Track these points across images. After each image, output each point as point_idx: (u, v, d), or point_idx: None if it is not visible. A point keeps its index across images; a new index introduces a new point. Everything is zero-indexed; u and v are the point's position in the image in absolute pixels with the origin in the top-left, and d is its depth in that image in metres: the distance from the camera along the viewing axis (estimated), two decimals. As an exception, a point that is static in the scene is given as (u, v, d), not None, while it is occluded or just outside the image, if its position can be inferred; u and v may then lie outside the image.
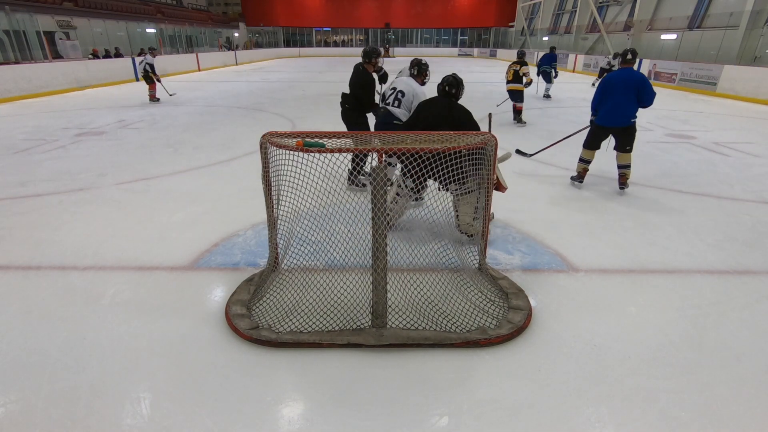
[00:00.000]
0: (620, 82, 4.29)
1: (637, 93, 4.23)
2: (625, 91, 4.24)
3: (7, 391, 2.00)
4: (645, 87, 4.21)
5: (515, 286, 2.77)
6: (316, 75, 19.48)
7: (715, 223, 3.95)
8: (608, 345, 2.33)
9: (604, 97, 4.40)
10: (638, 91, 4.22)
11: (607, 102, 4.38)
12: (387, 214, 2.75)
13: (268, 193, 2.59)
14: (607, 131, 4.50)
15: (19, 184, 4.82)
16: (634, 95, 4.23)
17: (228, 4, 41.60)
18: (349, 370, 2.14)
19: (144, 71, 10.65)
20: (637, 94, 4.23)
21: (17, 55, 16.47)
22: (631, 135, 4.40)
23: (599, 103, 4.48)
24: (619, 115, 4.33)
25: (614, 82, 4.32)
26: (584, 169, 4.77)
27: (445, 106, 3.35)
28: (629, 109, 4.29)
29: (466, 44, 42.04)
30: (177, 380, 2.07)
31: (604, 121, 4.44)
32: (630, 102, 4.26)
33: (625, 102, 4.26)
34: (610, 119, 4.39)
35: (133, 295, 2.75)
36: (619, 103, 4.29)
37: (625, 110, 4.30)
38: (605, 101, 4.40)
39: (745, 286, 2.94)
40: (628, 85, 4.23)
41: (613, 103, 4.33)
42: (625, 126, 4.36)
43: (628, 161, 4.48)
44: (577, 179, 4.81)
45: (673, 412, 1.92)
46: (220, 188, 4.75)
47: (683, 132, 7.89)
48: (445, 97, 3.40)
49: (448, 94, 3.38)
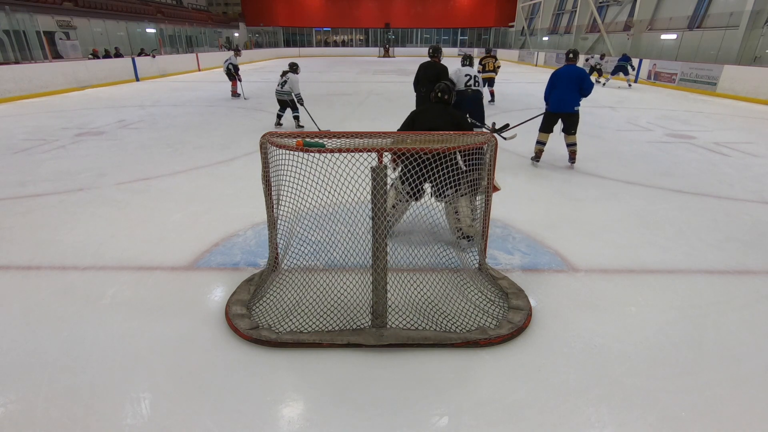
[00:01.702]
0: (565, 76, 5.18)
1: (579, 84, 5.10)
2: (569, 84, 5.14)
3: (7, 391, 2.00)
4: (584, 79, 5.12)
5: (515, 286, 2.77)
6: (316, 75, 19.47)
7: (715, 223, 3.95)
8: (608, 345, 2.33)
9: (552, 89, 5.31)
10: (580, 82, 5.10)
11: (554, 93, 5.28)
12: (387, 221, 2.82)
13: (268, 193, 2.59)
14: (557, 117, 5.36)
15: (19, 184, 4.82)
16: (577, 86, 5.11)
17: (228, 4, 41.59)
18: (349, 370, 2.14)
19: (227, 69, 11.48)
20: (579, 85, 5.11)
21: (17, 55, 16.47)
22: (575, 120, 5.29)
23: (549, 94, 5.37)
24: (565, 104, 5.21)
25: (560, 76, 5.22)
26: (540, 150, 5.60)
27: (443, 112, 3.40)
28: (573, 99, 5.17)
29: (466, 44, 42.02)
30: (177, 380, 2.07)
31: (553, 108, 5.31)
32: (573, 92, 5.14)
33: (569, 92, 5.16)
34: (558, 107, 5.27)
35: (133, 295, 2.75)
36: (564, 93, 5.19)
37: (569, 99, 5.17)
38: (553, 92, 5.28)
39: (745, 286, 2.94)
40: (571, 78, 5.12)
41: (559, 94, 5.22)
42: (570, 113, 5.24)
43: (574, 140, 5.40)
44: (535, 159, 5.66)
45: (673, 412, 1.92)
46: (220, 188, 4.76)
47: (683, 132, 7.90)
48: (440, 103, 3.46)
49: (442, 100, 3.45)
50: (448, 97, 3.45)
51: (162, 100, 11.28)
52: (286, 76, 7.44)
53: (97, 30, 21.64)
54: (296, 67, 7.65)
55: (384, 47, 38.70)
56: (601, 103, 11.20)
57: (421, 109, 3.52)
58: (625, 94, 13.26)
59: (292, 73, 7.47)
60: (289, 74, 7.44)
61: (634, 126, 8.44)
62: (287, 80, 7.40)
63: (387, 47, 38.68)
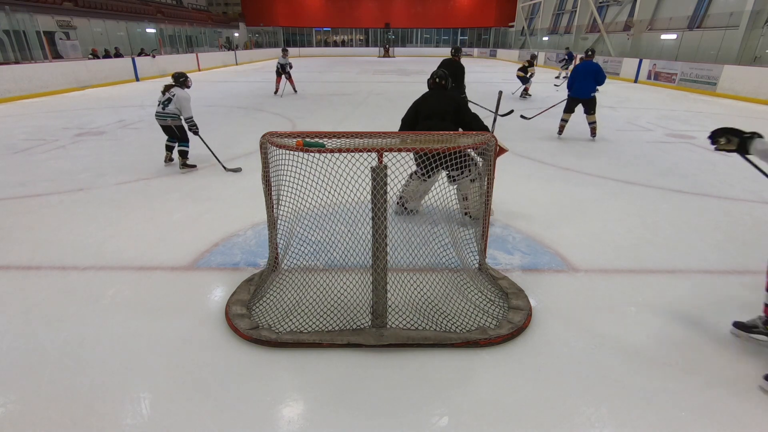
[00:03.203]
0: (583, 69, 6.94)
1: (595, 76, 6.82)
2: (586, 75, 6.87)
3: (7, 391, 2.00)
4: (599, 72, 6.86)
5: (515, 286, 2.77)
6: (316, 75, 19.48)
7: (715, 223, 3.95)
8: (608, 345, 2.33)
9: (575, 79, 7.01)
10: (595, 75, 6.83)
11: (576, 82, 6.98)
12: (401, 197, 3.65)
13: (268, 193, 2.59)
14: (577, 101, 7.05)
15: (19, 184, 4.82)
16: (593, 77, 6.83)
17: (228, 4, 41.59)
18: (349, 370, 2.14)
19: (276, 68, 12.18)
20: (594, 77, 6.82)
21: (17, 55, 16.47)
22: (593, 104, 6.99)
23: (572, 83, 7.08)
24: (584, 91, 6.91)
25: (580, 70, 6.97)
26: (562, 126, 7.39)
27: (444, 97, 3.76)
28: (590, 87, 6.87)
29: (466, 44, 42.02)
30: (177, 380, 2.07)
31: (575, 94, 7.01)
32: (590, 82, 6.84)
33: (587, 82, 6.86)
34: (579, 93, 6.98)
35: (133, 295, 2.75)
36: (583, 83, 6.90)
37: (587, 87, 6.87)
38: (575, 82, 7.00)
39: (745, 286, 2.94)
40: (589, 71, 6.87)
41: (579, 83, 6.93)
42: (588, 98, 6.95)
43: (594, 119, 7.13)
44: (559, 132, 7.43)
45: (673, 412, 1.92)
46: (220, 188, 4.76)
47: (683, 132, 7.90)
48: (438, 88, 3.82)
49: (439, 85, 3.82)
50: (445, 82, 3.83)
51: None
52: (171, 92, 5.15)
53: (97, 30, 21.64)
54: (185, 78, 5.30)
55: (384, 47, 38.70)
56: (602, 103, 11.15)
57: (423, 97, 3.81)
58: (625, 95, 13.26)
59: (179, 87, 5.22)
60: (175, 89, 5.17)
61: (634, 126, 8.44)
62: (173, 98, 5.12)
63: (387, 47, 38.69)
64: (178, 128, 5.30)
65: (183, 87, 5.25)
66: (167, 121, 5.21)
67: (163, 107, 5.15)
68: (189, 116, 5.20)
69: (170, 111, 5.13)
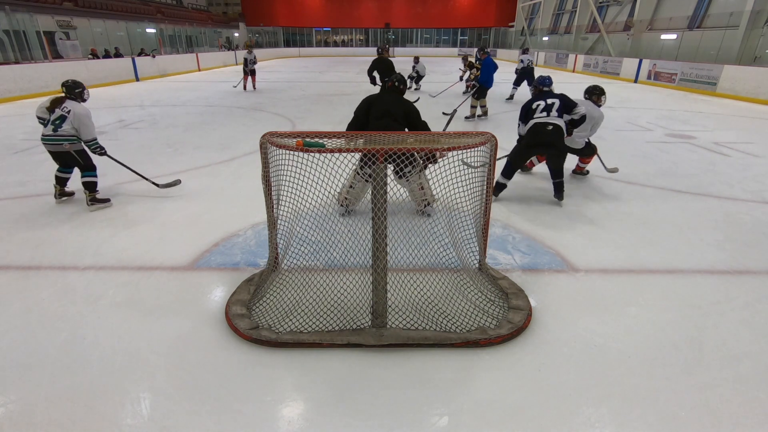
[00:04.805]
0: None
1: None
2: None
3: (7, 391, 2.00)
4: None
5: (515, 286, 2.77)
6: (316, 75, 19.48)
7: (715, 223, 3.95)
8: (608, 345, 2.33)
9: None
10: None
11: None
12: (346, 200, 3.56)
13: (268, 193, 2.59)
14: None
15: (19, 184, 4.82)
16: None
17: (228, 4, 41.57)
18: (349, 370, 2.15)
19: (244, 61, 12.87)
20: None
21: (17, 55, 16.46)
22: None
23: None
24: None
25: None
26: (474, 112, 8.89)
27: (399, 100, 3.77)
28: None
29: (466, 44, 42.00)
30: (177, 380, 2.07)
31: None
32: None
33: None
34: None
35: (133, 295, 2.75)
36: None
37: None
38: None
39: (745, 286, 2.94)
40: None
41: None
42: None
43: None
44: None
45: (673, 412, 1.92)
46: (220, 188, 4.76)
47: (683, 132, 7.90)
48: (393, 92, 3.85)
49: (397, 89, 3.86)
50: (403, 87, 3.90)
51: (162, 100, 11.28)
52: (64, 108, 3.95)
53: (97, 30, 21.63)
54: (81, 89, 4.17)
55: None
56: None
57: (378, 96, 3.82)
58: (625, 95, 13.26)
59: (74, 100, 4.06)
60: (70, 104, 3.98)
61: (634, 126, 8.44)
62: (67, 115, 3.92)
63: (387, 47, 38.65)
64: (79, 153, 4.06)
65: (79, 100, 4.11)
66: (63, 146, 3.96)
67: (55, 128, 3.91)
68: (92, 138, 4.05)
69: (65, 132, 3.92)
